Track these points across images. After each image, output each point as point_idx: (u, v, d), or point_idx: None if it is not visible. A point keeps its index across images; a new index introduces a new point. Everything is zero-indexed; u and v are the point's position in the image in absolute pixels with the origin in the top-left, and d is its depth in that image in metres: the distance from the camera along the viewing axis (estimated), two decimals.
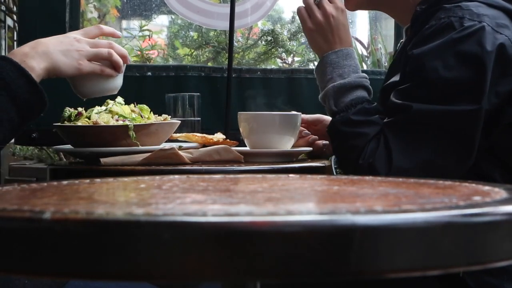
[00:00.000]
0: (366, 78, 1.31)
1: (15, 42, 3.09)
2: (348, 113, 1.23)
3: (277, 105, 1.82)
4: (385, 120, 1.18)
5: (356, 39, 2.96)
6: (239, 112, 1.46)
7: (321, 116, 1.47)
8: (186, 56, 2.85)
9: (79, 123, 1.32)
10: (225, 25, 1.99)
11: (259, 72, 2.21)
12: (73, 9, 2.11)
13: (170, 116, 1.43)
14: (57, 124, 1.35)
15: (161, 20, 3.41)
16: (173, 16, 3.15)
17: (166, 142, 1.40)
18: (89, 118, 1.33)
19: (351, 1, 1.36)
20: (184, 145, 1.36)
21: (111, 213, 0.46)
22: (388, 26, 2.74)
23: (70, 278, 0.85)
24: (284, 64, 2.95)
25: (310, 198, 0.61)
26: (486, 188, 0.60)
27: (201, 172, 1.18)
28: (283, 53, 2.92)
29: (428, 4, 1.21)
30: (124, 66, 1.24)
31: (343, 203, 0.54)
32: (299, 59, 2.98)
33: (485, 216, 0.45)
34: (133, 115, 1.34)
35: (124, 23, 3.57)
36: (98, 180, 0.75)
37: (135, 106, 1.38)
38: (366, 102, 1.25)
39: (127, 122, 1.30)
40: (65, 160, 2.29)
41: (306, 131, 1.43)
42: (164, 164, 1.24)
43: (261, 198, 0.56)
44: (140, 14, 3.17)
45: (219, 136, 1.45)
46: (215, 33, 2.80)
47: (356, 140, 1.18)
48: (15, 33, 3.13)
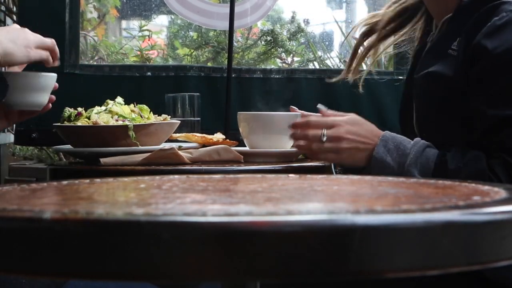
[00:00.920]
0: (417, 139, 1.22)
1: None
2: (445, 170, 1.13)
3: (277, 105, 1.82)
4: (504, 133, 1.11)
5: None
6: (239, 112, 1.46)
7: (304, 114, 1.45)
8: (186, 56, 2.85)
9: (79, 123, 1.32)
10: (225, 25, 1.99)
11: (259, 72, 2.21)
12: (73, 9, 2.11)
13: (170, 116, 1.43)
14: (57, 124, 1.35)
15: (161, 20, 3.42)
16: (173, 16, 3.15)
17: (166, 142, 1.40)
18: (89, 118, 1.33)
19: None
20: (184, 145, 1.36)
21: (111, 213, 0.46)
22: None
23: (70, 278, 0.85)
24: (284, 64, 2.95)
25: (310, 198, 0.61)
26: (486, 188, 0.60)
27: (201, 172, 1.18)
28: (283, 53, 2.92)
29: None
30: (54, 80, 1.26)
31: (343, 203, 0.54)
32: (299, 59, 2.98)
33: (485, 216, 0.45)
34: (133, 115, 1.34)
35: (124, 23, 3.57)
36: (98, 180, 0.75)
37: (135, 106, 1.38)
38: (444, 152, 1.16)
39: (127, 122, 1.30)
40: (65, 160, 2.29)
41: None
42: (164, 164, 1.24)
43: (261, 198, 0.56)
44: (140, 14, 3.17)
45: (219, 136, 1.45)
46: (215, 33, 2.80)
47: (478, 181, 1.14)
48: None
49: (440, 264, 0.44)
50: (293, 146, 1.27)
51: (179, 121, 1.43)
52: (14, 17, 3.05)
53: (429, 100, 1.26)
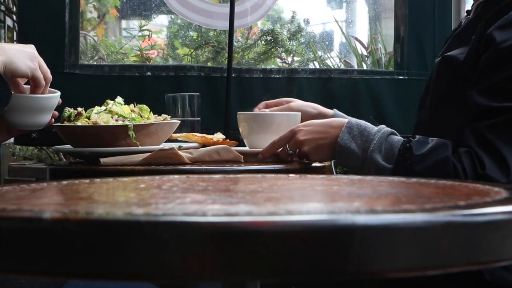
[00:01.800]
0: (381, 126, 1.25)
1: (15, 43, 3.09)
2: (409, 157, 1.15)
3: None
4: (485, 123, 1.13)
5: (356, 39, 2.96)
6: (239, 112, 1.47)
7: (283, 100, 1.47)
8: (186, 56, 2.85)
9: (79, 123, 1.32)
10: (225, 25, 1.99)
11: (259, 72, 2.21)
12: (73, 9, 2.11)
13: (170, 116, 1.43)
14: (57, 124, 1.35)
15: (161, 20, 3.41)
16: (173, 16, 3.15)
17: (166, 142, 1.40)
18: (89, 118, 1.33)
19: None
20: (184, 145, 1.36)
21: (111, 213, 0.46)
22: (388, 26, 2.74)
23: (70, 278, 0.85)
24: (284, 64, 2.95)
25: (310, 198, 0.60)
26: (486, 188, 0.60)
27: (201, 172, 1.18)
28: (283, 53, 2.92)
29: None
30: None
31: (343, 203, 0.54)
32: (299, 59, 2.98)
33: (485, 216, 0.45)
34: (133, 115, 1.34)
35: (124, 23, 3.57)
36: (98, 180, 0.75)
37: (135, 106, 1.38)
38: (409, 139, 1.19)
39: (127, 122, 1.30)
40: (65, 160, 2.29)
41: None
42: (164, 164, 1.24)
43: (261, 198, 0.56)
44: (140, 14, 3.17)
45: (219, 136, 1.46)
46: (215, 33, 2.80)
47: (441, 169, 1.13)
48: (15, 33, 3.13)
49: (440, 264, 0.44)
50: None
51: (179, 121, 1.43)
52: (14, 17, 3.05)
53: (440, 84, 1.27)
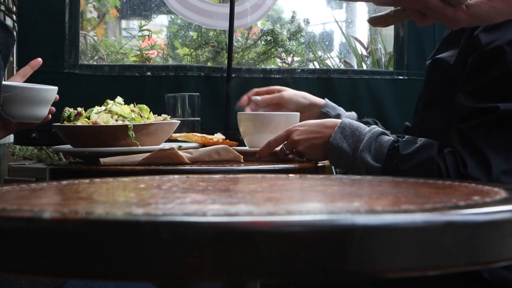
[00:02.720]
0: (372, 124, 1.28)
1: (15, 42, 3.08)
2: (396, 156, 1.17)
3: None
4: (469, 123, 1.14)
5: (356, 39, 2.96)
6: (239, 112, 1.48)
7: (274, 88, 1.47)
8: (186, 56, 2.84)
9: (79, 123, 1.32)
10: (225, 25, 1.99)
11: (259, 72, 2.21)
12: (73, 9, 2.11)
13: (170, 116, 1.43)
14: (57, 124, 1.35)
15: (161, 20, 3.41)
16: (173, 16, 3.15)
17: (166, 142, 1.40)
18: (89, 118, 1.33)
19: None
20: (184, 145, 1.36)
21: (111, 213, 0.46)
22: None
23: (70, 278, 0.85)
24: (284, 64, 2.95)
25: (310, 198, 0.60)
26: (486, 188, 0.60)
27: (201, 172, 1.18)
28: (283, 53, 2.92)
29: None
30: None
31: (343, 203, 0.54)
32: (299, 59, 2.98)
33: (485, 216, 0.45)
34: (133, 115, 1.34)
35: (124, 23, 3.57)
36: (98, 180, 0.75)
37: (135, 106, 1.38)
38: (397, 139, 1.20)
39: (127, 122, 1.30)
40: (65, 160, 2.29)
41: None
42: (164, 164, 1.24)
43: (261, 198, 0.56)
44: (140, 14, 3.17)
45: (219, 136, 1.46)
46: (215, 33, 2.80)
47: (425, 169, 1.14)
48: (15, 33, 3.12)
49: (440, 264, 0.44)
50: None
51: (179, 121, 1.43)
52: (14, 17, 3.05)
53: (430, 86, 1.28)
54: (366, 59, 2.94)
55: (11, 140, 2.81)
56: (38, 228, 0.42)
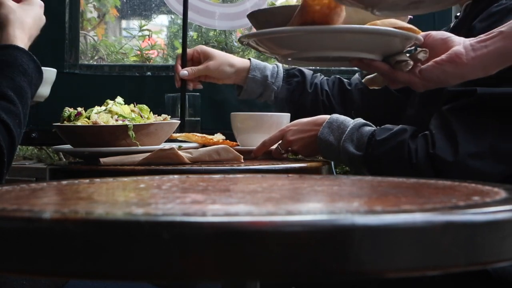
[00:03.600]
0: (357, 119, 1.32)
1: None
2: (373, 141, 1.23)
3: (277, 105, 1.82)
4: (446, 107, 1.17)
5: None
6: (232, 113, 1.53)
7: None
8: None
9: (79, 123, 1.32)
10: (225, 25, 1.99)
11: None
12: (73, 9, 2.11)
13: (170, 116, 1.43)
14: (57, 124, 1.35)
15: (161, 20, 3.41)
16: (173, 16, 3.15)
17: (166, 142, 1.40)
18: (89, 118, 1.33)
19: None
20: (184, 145, 1.36)
21: (111, 213, 0.46)
22: None
23: (70, 278, 0.85)
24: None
25: (310, 198, 0.60)
26: (486, 188, 0.60)
27: (201, 172, 1.18)
28: None
29: None
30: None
31: (343, 203, 0.54)
32: None
33: (485, 216, 0.45)
34: (133, 115, 1.34)
35: (124, 23, 3.57)
36: (98, 180, 0.75)
37: (135, 106, 1.38)
38: (376, 128, 1.27)
39: (127, 122, 1.30)
40: (65, 160, 2.29)
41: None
42: (164, 164, 1.24)
43: (261, 198, 0.56)
44: (140, 14, 3.17)
45: (219, 137, 1.46)
46: (215, 33, 2.80)
47: (397, 152, 1.19)
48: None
49: (440, 264, 0.44)
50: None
51: (179, 121, 1.43)
52: None
53: None
54: None
55: None
56: (38, 228, 0.42)
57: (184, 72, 1.59)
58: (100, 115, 1.32)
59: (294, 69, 1.66)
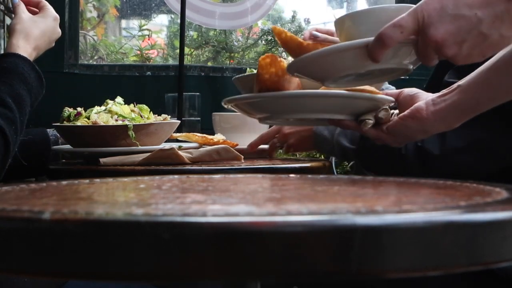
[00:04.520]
0: None
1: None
2: (366, 137, 1.22)
3: None
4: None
5: None
6: (214, 113, 1.55)
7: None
8: (186, 56, 2.85)
9: (78, 123, 1.32)
10: (225, 25, 1.99)
11: None
12: (72, 9, 2.11)
13: (170, 116, 1.43)
14: (56, 124, 1.35)
15: (161, 20, 3.41)
16: (173, 16, 3.15)
17: (166, 142, 1.40)
18: (88, 118, 1.33)
19: None
20: (184, 145, 1.36)
21: (111, 213, 0.46)
22: None
23: (70, 278, 0.85)
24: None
25: (310, 198, 0.60)
26: (487, 188, 0.60)
27: (201, 172, 1.18)
28: (283, 53, 2.92)
29: None
30: None
31: (344, 203, 0.54)
32: None
33: (486, 216, 0.45)
34: (133, 115, 1.34)
35: (124, 23, 3.57)
36: (98, 180, 0.75)
37: (135, 106, 1.38)
38: None
39: (127, 122, 1.30)
40: (64, 160, 2.29)
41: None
42: (164, 164, 1.24)
43: (261, 198, 0.56)
44: (140, 14, 3.17)
45: (219, 137, 1.46)
46: (215, 33, 2.80)
47: (388, 146, 1.19)
48: None
49: (441, 265, 0.44)
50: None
51: (179, 121, 1.43)
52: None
53: (436, 74, 1.31)
54: None
55: None
56: (38, 228, 0.42)
57: (317, 33, 1.54)
58: (100, 115, 1.32)
59: None
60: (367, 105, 1.04)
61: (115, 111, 1.33)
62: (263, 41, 2.85)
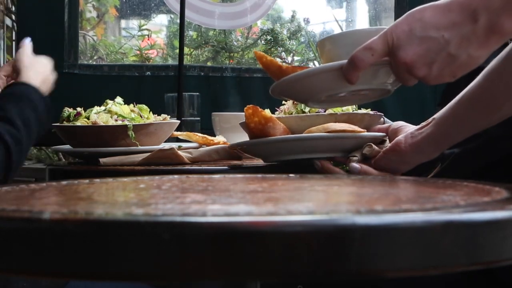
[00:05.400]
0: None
1: (14, 42, 3.08)
2: None
3: (278, 104, 1.82)
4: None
5: None
6: (214, 113, 1.55)
7: None
8: (186, 56, 2.85)
9: (78, 123, 1.32)
10: (225, 25, 1.99)
11: (259, 72, 2.20)
12: (72, 9, 2.11)
13: (170, 116, 1.43)
14: (56, 124, 1.35)
15: (160, 20, 3.42)
16: (172, 16, 3.16)
17: (166, 142, 1.40)
18: (88, 118, 1.33)
19: None
20: (184, 145, 1.36)
21: (111, 214, 0.46)
22: (388, 25, 2.74)
23: (70, 279, 0.85)
24: (284, 64, 2.95)
25: (310, 198, 0.60)
26: (487, 188, 0.60)
27: (201, 172, 1.18)
28: (283, 53, 2.92)
29: None
30: None
31: (343, 203, 0.54)
32: (299, 58, 2.98)
33: (486, 216, 0.45)
34: (132, 115, 1.34)
35: (123, 23, 3.57)
36: (97, 180, 0.75)
37: (134, 106, 1.38)
38: None
39: (126, 122, 1.30)
40: (64, 161, 2.29)
41: None
42: (164, 164, 1.24)
43: (261, 198, 0.56)
44: (139, 14, 3.17)
45: (220, 139, 1.46)
46: (214, 33, 2.80)
47: None
48: (14, 33, 3.12)
49: (441, 264, 0.44)
50: None
51: (179, 121, 1.43)
52: (13, 17, 3.04)
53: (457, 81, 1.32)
54: None
55: None
56: (38, 229, 0.42)
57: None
58: (100, 115, 1.32)
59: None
60: (350, 143, 1.11)
61: (115, 111, 1.33)
62: (263, 41, 2.85)
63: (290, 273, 0.41)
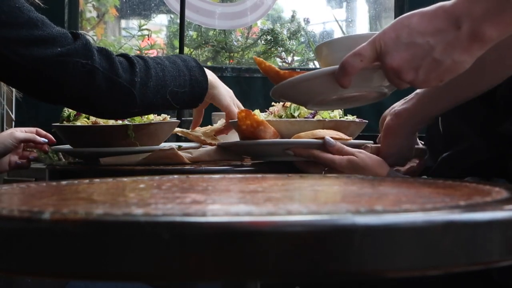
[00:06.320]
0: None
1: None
2: None
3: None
4: None
5: None
6: (214, 113, 1.55)
7: None
8: None
9: (78, 123, 1.32)
10: (225, 25, 1.99)
11: (259, 72, 2.20)
12: (72, 9, 2.11)
13: (170, 116, 1.43)
14: (56, 124, 1.35)
15: (160, 20, 3.42)
16: (172, 16, 3.16)
17: (166, 142, 1.40)
18: (88, 118, 1.33)
19: None
20: (184, 145, 1.36)
21: (111, 214, 0.46)
22: (388, 24, 2.73)
23: (70, 279, 0.85)
24: (284, 63, 2.95)
25: (310, 198, 0.60)
26: (487, 188, 0.60)
27: (201, 172, 1.18)
28: (283, 52, 2.92)
29: None
30: None
31: (343, 203, 0.54)
32: (299, 58, 2.98)
33: (486, 216, 0.45)
34: None
35: (123, 23, 3.57)
36: (97, 180, 0.75)
37: None
38: None
39: (126, 122, 1.30)
40: (64, 160, 2.29)
41: None
42: (164, 164, 1.24)
43: (261, 198, 0.56)
44: (139, 14, 3.17)
45: (221, 122, 1.47)
46: (214, 33, 2.80)
47: None
48: None
49: (441, 264, 0.44)
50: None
51: (179, 121, 1.43)
52: None
53: None
54: None
55: None
56: (38, 228, 0.42)
57: None
58: None
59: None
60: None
61: None
62: (263, 41, 2.85)
63: (290, 273, 0.41)
